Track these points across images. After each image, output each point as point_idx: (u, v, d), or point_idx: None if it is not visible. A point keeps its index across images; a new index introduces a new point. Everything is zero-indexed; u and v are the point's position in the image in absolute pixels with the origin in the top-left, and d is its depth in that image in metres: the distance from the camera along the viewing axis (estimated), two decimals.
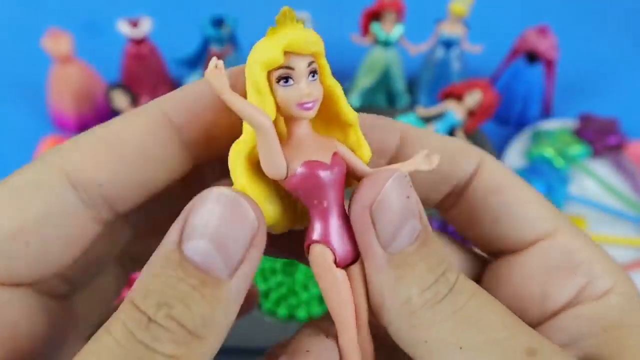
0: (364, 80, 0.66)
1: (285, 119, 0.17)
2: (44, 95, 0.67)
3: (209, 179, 0.20)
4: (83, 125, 0.65)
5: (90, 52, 0.68)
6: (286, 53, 0.16)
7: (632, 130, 0.66)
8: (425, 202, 0.21)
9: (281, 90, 0.16)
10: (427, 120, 0.63)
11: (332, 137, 0.17)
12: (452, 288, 0.16)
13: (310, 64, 0.16)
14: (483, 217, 0.20)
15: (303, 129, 0.17)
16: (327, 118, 0.17)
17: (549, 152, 0.63)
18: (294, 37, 0.15)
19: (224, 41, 0.63)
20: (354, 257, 0.17)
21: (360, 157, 0.17)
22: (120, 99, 0.57)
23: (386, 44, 0.64)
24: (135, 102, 0.59)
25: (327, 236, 0.16)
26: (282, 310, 0.48)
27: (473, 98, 0.59)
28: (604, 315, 0.18)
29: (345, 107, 0.17)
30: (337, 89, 0.17)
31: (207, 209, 0.15)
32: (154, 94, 0.69)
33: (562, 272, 0.19)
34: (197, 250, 0.15)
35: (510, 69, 0.68)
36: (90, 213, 0.17)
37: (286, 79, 0.16)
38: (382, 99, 0.69)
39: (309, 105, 0.16)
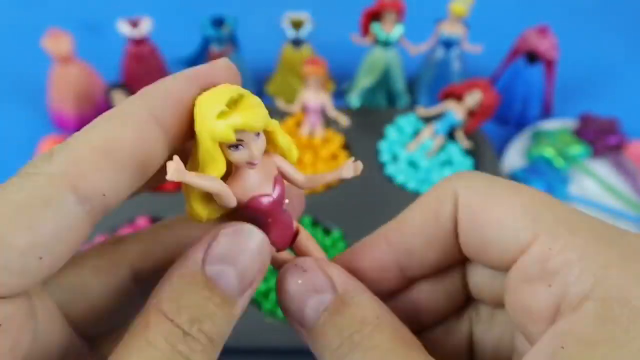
0: (364, 80, 0.66)
1: None
2: (44, 95, 0.67)
3: None
4: (83, 125, 0.65)
5: (90, 52, 0.68)
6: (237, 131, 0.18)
7: (632, 130, 0.66)
8: (436, 264, 0.22)
9: (233, 154, 0.18)
10: (427, 120, 0.63)
11: (269, 153, 0.20)
12: (357, 345, 0.18)
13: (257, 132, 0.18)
14: (474, 251, 0.20)
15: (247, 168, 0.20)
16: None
17: (549, 152, 0.63)
18: (245, 121, 0.17)
19: (224, 41, 0.63)
20: (294, 238, 0.22)
21: (290, 159, 0.21)
22: (120, 99, 0.57)
23: (386, 44, 0.64)
24: None
25: (274, 242, 0.20)
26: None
27: (473, 98, 0.59)
28: (576, 331, 0.16)
29: (282, 143, 0.20)
30: (275, 128, 0.20)
31: (232, 240, 0.18)
32: None
33: (537, 285, 0.18)
34: (223, 274, 0.18)
35: (510, 69, 0.68)
36: (90, 220, 0.17)
37: (237, 146, 0.18)
38: (382, 99, 0.69)
39: (256, 162, 0.19)
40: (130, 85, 0.63)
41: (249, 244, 0.18)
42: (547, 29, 0.65)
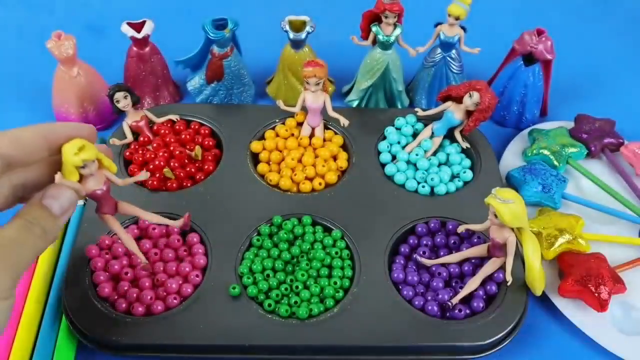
0: (364, 82, 0.67)
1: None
2: (48, 97, 0.68)
3: None
4: None
5: (93, 54, 0.69)
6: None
7: (627, 131, 0.67)
8: None
9: (82, 171, 0.39)
10: (426, 121, 0.64)
11: (102, 169, 0.42)
12: None
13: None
14: None
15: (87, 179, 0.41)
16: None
17: (545, 152, 0.63)
18: (86, 157, 0.38)
19: (226, 43, 0.64)
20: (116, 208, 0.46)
21: (111, 170, 0.42)
22: (123, 100, 0.58)
23: (385, 45, 0.65)
24: (137, 103, 0.59)
25: (107, 211, 0.45)
26: (282, 309, 0.48)
27: (471, 99, 0.59)
28: None
29: (106, 164, 0.42)
30: (101, 157, 0.40)
31: (57, 190, 0.37)
32: (156, 95, 0.70)
33: None
34: (53, 203, 0.36)
35: (507, 71, 0.69)
36: None
37: (83, 167, 0.39)
38: (381, 100, 0.70)
39: (93, 174, 0.41)
40: (133, 87, 0.64)
41: (65, 192, 0.37)
42: (543, 32, 0.66)
